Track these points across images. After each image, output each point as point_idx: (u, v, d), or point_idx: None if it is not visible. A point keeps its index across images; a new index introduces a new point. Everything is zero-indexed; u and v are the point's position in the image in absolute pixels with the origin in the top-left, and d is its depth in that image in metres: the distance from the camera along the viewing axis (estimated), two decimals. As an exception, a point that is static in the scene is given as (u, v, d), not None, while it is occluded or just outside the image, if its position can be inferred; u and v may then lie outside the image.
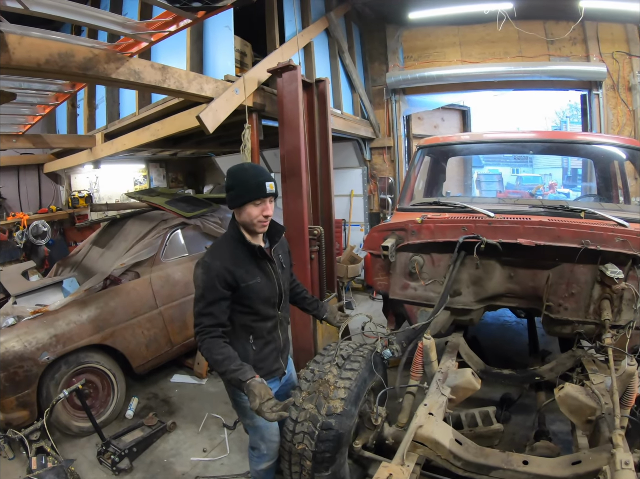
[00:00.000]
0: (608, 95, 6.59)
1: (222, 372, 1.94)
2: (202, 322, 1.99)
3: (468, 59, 6.90)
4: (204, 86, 3.41)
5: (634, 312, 2.68)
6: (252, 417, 2.25)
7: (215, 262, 2.02)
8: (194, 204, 4.78)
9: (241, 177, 2.05)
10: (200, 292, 2.00)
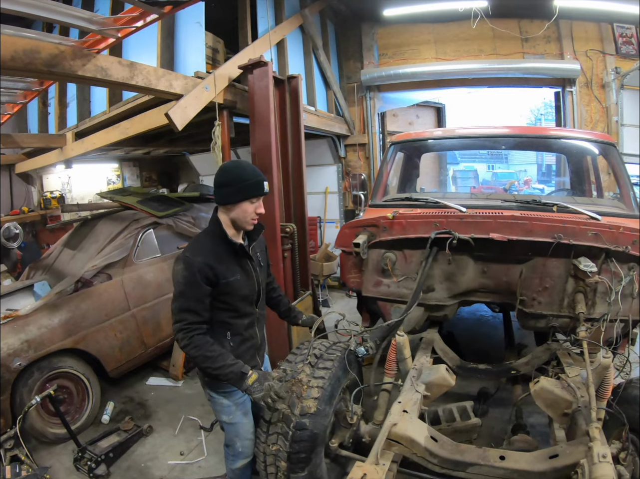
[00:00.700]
0: (582, 92, 6.72)
1: (218, 367, 1.96)
2: (185, 318, 1.96)
3: (443, 56, 6.95)
4: (173, 83, 3.34)
5: (608, 305, 2.70)
6: (228, 414, 2.26)
7: (197, 258, 1.99)
8: (167, 203, 4.69)
9: (240, 174, 2.04)
10: (181, 288, 1.97)
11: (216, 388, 2.23)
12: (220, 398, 2.23)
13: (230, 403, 2.26)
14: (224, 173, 2.08)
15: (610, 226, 2.67)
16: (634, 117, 6.64)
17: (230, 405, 2.26)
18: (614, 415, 2.26)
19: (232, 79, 3.73)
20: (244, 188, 2.03)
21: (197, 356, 1.97)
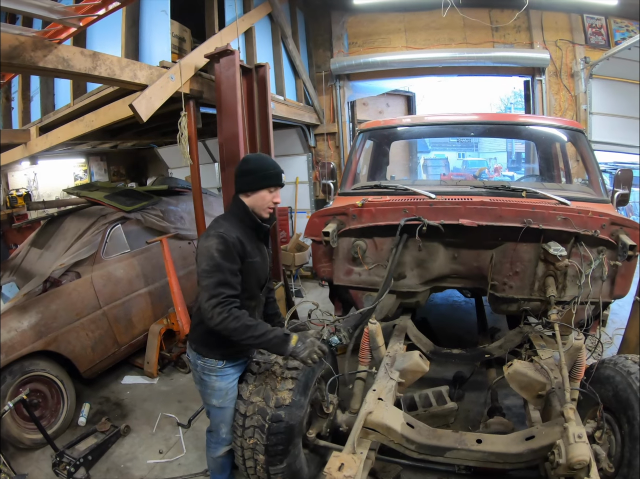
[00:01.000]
0: (551, 81, 6.84)
1: (261, 334, 2.02)
2: (222, 292, 2.00)
3: (413, 45, 6.95)
4: (137, 73, 3.25)
5: (578, 288, 2.75)
6: (219, 398, 2.31)
7: (231, 233, 2.08)
8: (135, 198, 4.58)
9: (262, 164, 2.21)
10: (218, 261, 2.02)
11: (210, 371, 2.25)
12: (213, 381, 2.27)
13: (223, 386, 2.29)
14: (247, 163, 2.23)
15: (579, 210, 2.71)
16: (602, 106, 6.79)
17: (222, 389, 2.29)
18: (588, 395, 2.31)
19: (199, 69, 3.65)
20: (265, 177, 2.18)
21: (238, 327, 2.00)
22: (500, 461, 2.18)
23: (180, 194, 5.24)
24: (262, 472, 2.36)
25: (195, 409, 3.54)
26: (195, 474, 2.90)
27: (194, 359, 2.29)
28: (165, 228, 4.48)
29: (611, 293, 2.92)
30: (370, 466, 2.36)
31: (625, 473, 2.10)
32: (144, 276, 4.23)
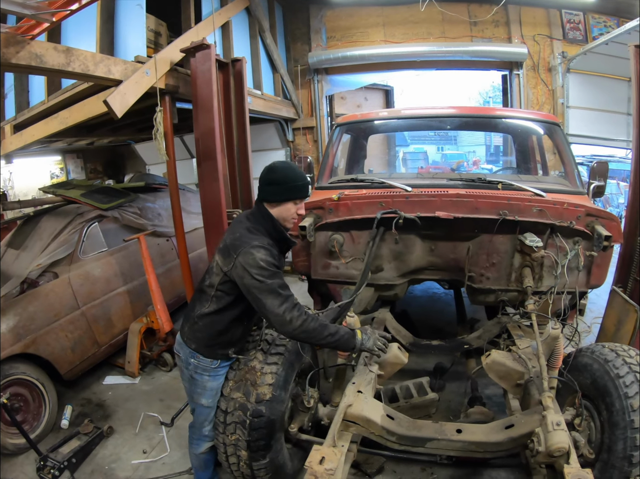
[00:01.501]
0: (528, 75, 6.94)
1: (335, 332, 2.12)
2: (290, 295, 2.07)
3: (391, 39, 6.99)
4: (112, 68, 3.18)
5: (555, 278, 2.79)
6: (209, 397, 2.31)
7: (272, 248, 2.11)
8: (112, 195, 4.50)
9: (291, 175, 2.15)
10: (272, 270, 2.03)
11: (203, 370, 2.26)
12: (206, 381, 2.27)
13: (215, 386, 2.31)
14: (275, 172, 2.16)
15: (554, 202, 2.74)
16: (579, 100, 6.93)
17: (214, 389, 2.31)
18: (567, 383, 2.35)
19: (175, 63, 3.59)
20: (291, 189, 2.14)
21: (317, 327, 2.06)
22: (480, 450, 2.21)
23: (157, 191, 5.18)
24: (245, 468, 2.36)
25: (177, 407, 3.51)
26: (180, 473, 2.88)
27: (186, 357, 2.27)
28: (143, 225, 4.42)
29: (587, 282, 2.97)
30: (352, 458, 2.37)
31: (606, 458, 2.14)
32: (122, 274, 4.16)
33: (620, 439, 2.06)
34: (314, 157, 6.87)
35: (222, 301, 2.18)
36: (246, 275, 2.00)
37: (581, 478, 1.73)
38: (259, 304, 2.03)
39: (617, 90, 6.95)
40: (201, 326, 2.23)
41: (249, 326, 2.40)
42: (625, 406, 2.07)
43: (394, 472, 2.87)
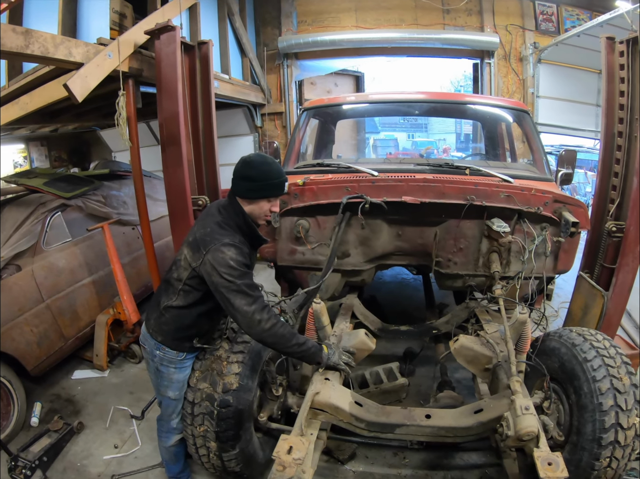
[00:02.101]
0: (500, 65, 7.03)
1: (302, 343, 2.12)
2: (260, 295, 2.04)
3: (363, 25, 6.95)
4: (72, 51, 3.04)
5: (522, 263, 2.82)
6: (175, 390, 2.28)
7: (243, 246, 2.05)
8: (75, 183, 4.34)
9: (267, 172, 2.06)
10: (242, 270, 1.99)
11: (169, 362, 2.22)
12: (172, 373, 2.24)
13: (181, 378, 2.27)
14: (250, 167, 2.07)
15: (522, 188, 2.75)
16: (549, 90, 7.06)
17: (180, 381, 2.27)
18: (535, 367, 2.39)
19: (139, 46, 3.46)
20: (267, 187, 2.07)
21: (285, 334, 2.04)
22: (450, 435, 2.22)
23: (123, 178, 5.03)
24: (215, 459, 2.34)
25: (148, 399, 3.47)
26: (153, 466, 2.86)
27: (151, 349, 2.23)
28: (108, 214, 4.30)
29: (554, 268, 3.01)
30: (322, 446, 2.38)
31: (575, 440, 2.20)
32: (87, 265, 4.05)
33: (589, 422, 2.11)
34: (282, 143, 6.79)
35: (190, 296, 2.13)
36: (215, 273, 1.95)
37: (551, 461, 1.74)
38: (227, 304, 1.99)
39: (587, 81, 7.11)
40: (168, 319, 2.17)
41: (217, 319, 2.37)
42: (593, 390, 2.12)
43: (366, 458, 2.91)
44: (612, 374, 2.14)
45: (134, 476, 2.81)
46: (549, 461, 1.75)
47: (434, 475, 2.76)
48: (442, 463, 2.86)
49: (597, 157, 8.96)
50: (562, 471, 1.70)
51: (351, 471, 2.81)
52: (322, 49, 6.80)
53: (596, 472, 2.11)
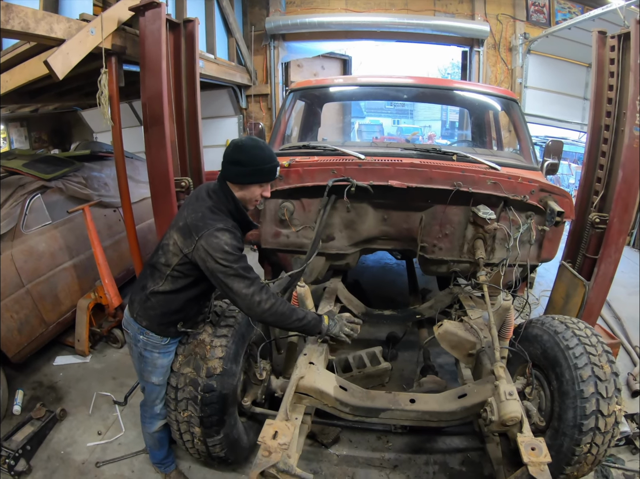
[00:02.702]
0: (489, 53, 7.03)
1: (302, 317, 2.12)
2: (257, 277, 2.04)
3: (353, 8, 6.88)
4: (54, 26, 2.93)
5: (507, 251, 2.83)
6: (159, 375, 2.25)
7: (236, 230, 2.03)
8: (55, 165, 4.22)
9: (258, 157, 2.01)
10: (239, 254, 1.99)
11: (153, 347, 2.19)
12: (156, 358, 2.21)
13: (165, 363, 2.24)
14: (241, 152, 2.02)
15: (509, 176, 2.75)
16: (537, 81, 7.11)
17: (164, 366, 2.25)
18: (517, 353, 2.41)
19: (123, 22, 3.34)
20: (258, 172, 2.03)
21: (285, 312, 2.04)
22: (434, 420, 2.25)
23: (104, 159, 4.92)
24: (200, 444, 2.33)
25: (130, 385, 3.44)
26: (137, 453, 2.84)
27: (134, 334, 2.19)
28: (89, 195, 4.20)
29: (538, 256, 3.04)
30: (307, 430, 2.38)
31: (556, 426, 2.24)
32: (67, 248, 3.95)
33: (570, 408, 2.15)
34: (267, 125, 6.72)
35: (179, 282, 2.09)
36: (209, 259, 1.93)
37: (534, 446, 1.77)
38: (225, 288, 1.97)
39: (575, 74, 7.19)
40: (154, 304, 2.13)
41: (204, 304, 2.36)
42: (575, 377, 2.16)
43: (350, 441, 2.93)
44: (593, 362, 2.18)
45: (118, 462, 2.80)
46: (532, 446, 1.77)
47: (417, 459, 2.80)
48: (425, 447, 2.90)
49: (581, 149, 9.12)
50: (545, 456, 1.73)
51: (335, 454, 2.83)
52: (310, 30, 6.70)
53: (576, 457, 2.15)
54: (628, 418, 2.93)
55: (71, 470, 2.76)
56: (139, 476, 2.71)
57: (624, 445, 2.87)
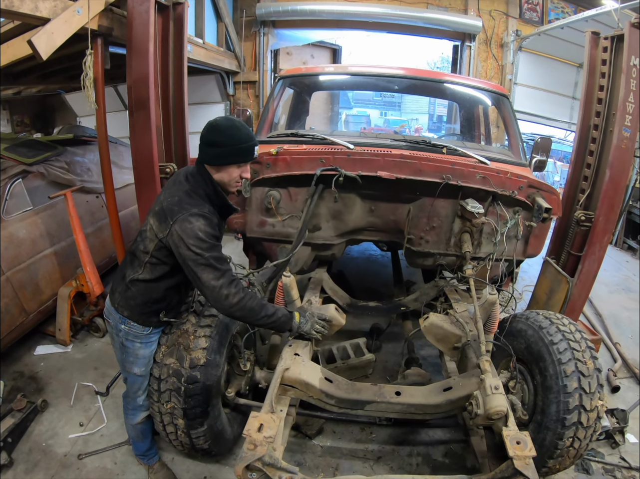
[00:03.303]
0: (480, 49, 7.05)
1: (273, 313, 2.06)
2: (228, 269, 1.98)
3: (346, -4, 6.77)
4: (39, 5, 2.82)
5: (493, 245, 2.84)
6: (141, 366, 2.21)
7: (212, 216, 1.98)
8: (37, 149, 4.10)
9: (234, 137, 1.95)
10: (213, 242, 1.93)
11: (135, 337, 2.14)
12: (137, 349, 2.17)
13: (147, 354, 2.20)
14: (217, 132, 1.96)
15: (498, 171, 2.75)
16: (527, 78, 7.15)
17: (146, 356, 2.21)
18: (501, 347, 2.43)
19: (110, 3, 3.24)
20: (235, 152, 1.96)
21: (254, 307, 1.98)
22: (419, 412, 2.26)
23: (87, 144, 4.80)
24: (183, 436, 2.30)
25: (112, 375, 3.40)
26: (119, 444, 2.81)
27: (116, 324, 2.14)
28: (71, 181, 4.10)
29: (525, 251, 3.06)
30: (291, 422, 2.38)
31: (539, 419, 2.27)
32: (48, 235, 3.85)
33: (553, 403, 2.18)
34: (254, 112, 6.63)
35: (157, 269, 2.04)
36: (182, 245, 1.87)
37: (520, 440, 1.79)
38: (194, 277, 1.92)
39: (565, 73, 7.26)
40: (134, 293, 2.08)
41: (186, 293, 2.32)
42: (558, 372, 2.19)
43: (333, 432, 2.94)
44: (577, 357, 2.21)
45: (101, 454, 2.76)
46: (518, 440, 1.79)
47: (400, 450, 2.82)
48: (409, 439, 2.92)
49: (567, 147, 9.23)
50: (530, 450, 1.74)
51: (319, 446, 2.84)
52: (301, 18, 6.61)
53: (559, 451, 2.19)
54: (608, 413, 3.00)
55: (53, 463, 2.71)
56: (122, 468, 2.67)
57: (603, 439, 2.94)
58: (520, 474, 1.69)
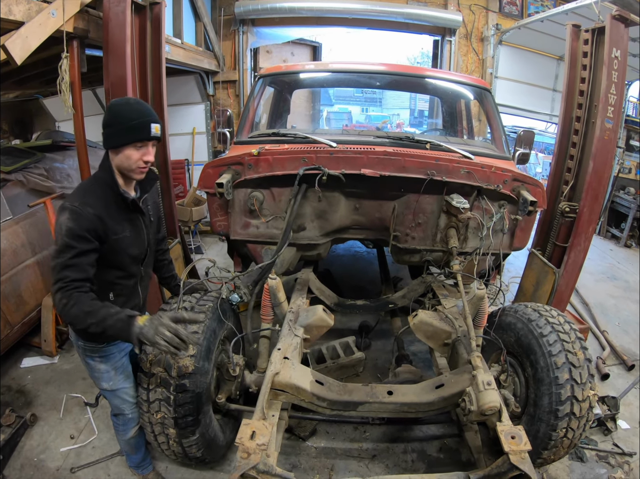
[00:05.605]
0: (460, 43, 7.08)
1: (102, 319, 1.68)
2: (67, 276, 1.69)
3: (325, -6, 6.74)
4: (12, 8, 2.75)
5: (480, 239, 2.84)
6: (108, 380, 2.11)
7: (87, 208, 1.74)
8: (15, 156, 4.02)
9: (124, 113, 1.77)
10: (66, 241, 1.69)
11: (92, 352, 2.02)
12: (97, 363, 2.06)
13: (108, 367, 2.08)
14: (109, 112, 1.81)
15: (482, 165, 2.75)
16: (508, 71, 7.22)
17: (108, 370, 2.09)
18: (491, 341, 2.44)
19: (86, 4, 3.18)
20: (127, 131, 1.76)
21: (78, 314, 1.69)
22: (412, 411, 2.25)
23: (66, 149, 4.68)
24: (175, 446, 2.26)
25: (100, 385, 3.33)
26: (112, 456, 2.77)
27: (75, 340, 2.04)
28: (51, 188, 4.00)
29: (511, 245, 3.08)
30: (284, 426, 2.35)
31: (532, 412, 2.28)
32: (30, 244, 3.74)
33: (545, 395, 2.19)
34: (235, 112, 6.61)
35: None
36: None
37: (514, 435, 1.79)
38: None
39: (545, 66, 7.34)
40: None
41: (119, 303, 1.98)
42: (549, 364, 2.20)
43: (327, 433, 2.93)
44: (567, 349, 2.22)
45: (94, 467, 2.71)
46: (512, 434, 1.79)
47: (394, 448, 2.82)
48: (403, 436, 2.92)
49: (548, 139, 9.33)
50: (525, 444, 1.75)
51: (313, 447, 2.82)
52: (280, 16, 6.58)
53: (553, 442, 2.20)
54: (599, 401, 3.04)
55: (46, 477, 2.66)
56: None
57: (596, 426, 2.98)
58: (516, 469, 1.70)
